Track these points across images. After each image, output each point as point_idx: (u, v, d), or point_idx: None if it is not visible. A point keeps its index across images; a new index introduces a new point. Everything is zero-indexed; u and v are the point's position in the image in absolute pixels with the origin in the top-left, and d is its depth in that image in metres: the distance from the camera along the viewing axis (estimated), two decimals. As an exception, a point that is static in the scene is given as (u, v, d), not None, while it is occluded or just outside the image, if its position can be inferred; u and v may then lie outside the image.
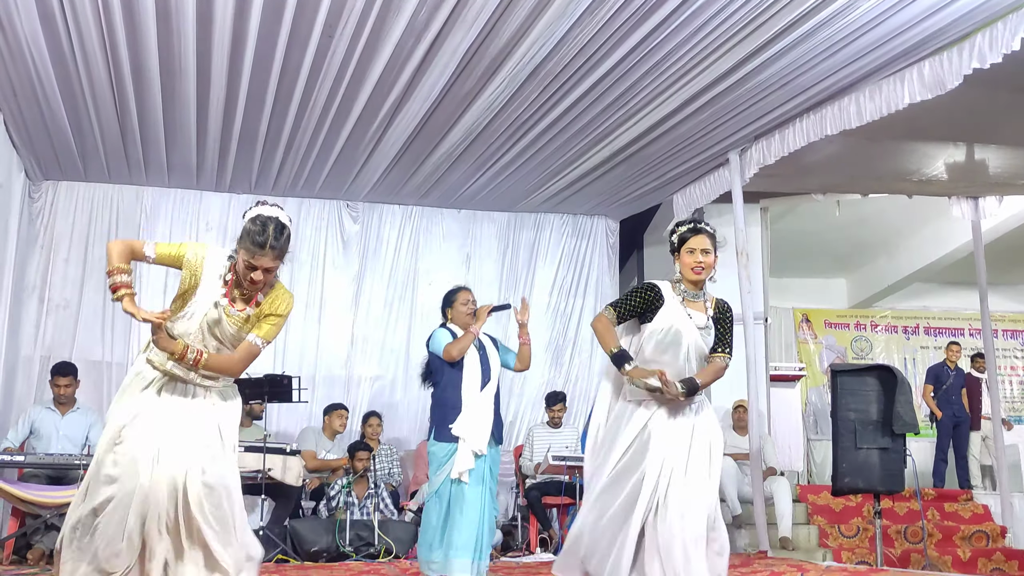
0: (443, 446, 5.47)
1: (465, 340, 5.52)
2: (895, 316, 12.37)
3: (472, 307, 5.61)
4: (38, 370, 8.10)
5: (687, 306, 4.07)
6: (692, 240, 4.05)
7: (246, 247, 3.44)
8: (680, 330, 4.00)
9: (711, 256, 4.06)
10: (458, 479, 5.37)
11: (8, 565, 6.09)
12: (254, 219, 3.47)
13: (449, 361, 5.53)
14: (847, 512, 8.17)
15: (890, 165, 8.11)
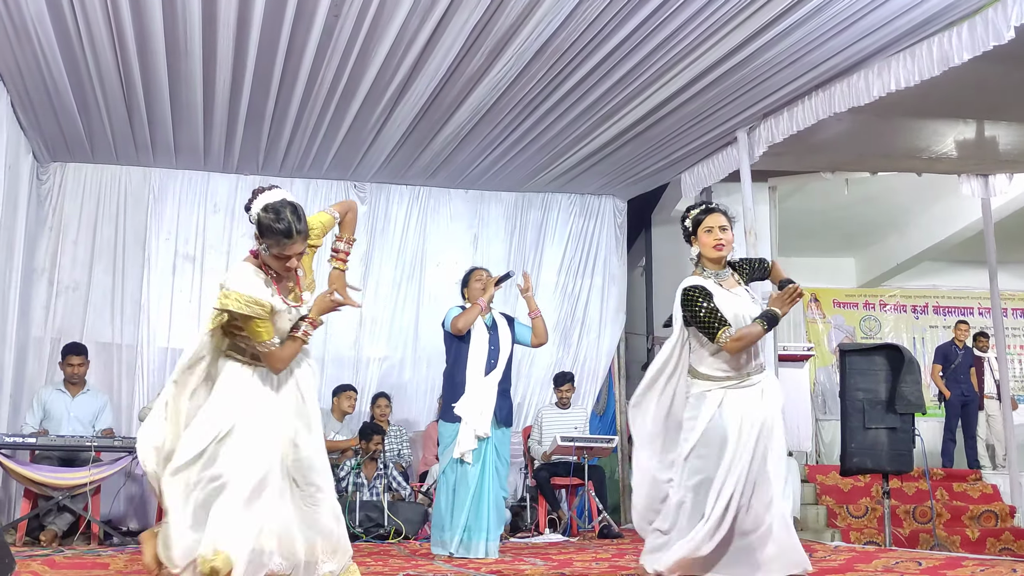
0: (449, 426, 5.53)
1: (470, 313, 5.57)
2: (904, 295, 12.33)
3: (484, 283, 5.67)
4: (48, 352, 8.13)
5: (727, 287, 4.06)
6: (708, 219, 4.04)
7: (273, 241, 3.37)
8: (739, 314, 3.99)
9: (729, 232, 4.05)
10: (461, 459, 5.41)
11: (21, 546, 6.13)
12: (265, 210, 3.37)
13: (456, 335, 5.57)
14: (855, 492, 8.16)
15: (899, 143, 8.07)
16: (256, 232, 3.44)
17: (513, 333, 5.75)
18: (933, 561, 4.52)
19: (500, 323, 5.76)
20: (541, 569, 4.67)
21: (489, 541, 5.42)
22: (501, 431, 5.60)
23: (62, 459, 6.68)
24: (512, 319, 5.84)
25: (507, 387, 5.67)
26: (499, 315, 5.81)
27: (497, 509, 5.53)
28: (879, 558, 4.81)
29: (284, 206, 3.39)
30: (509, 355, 5.70)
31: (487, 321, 5.69)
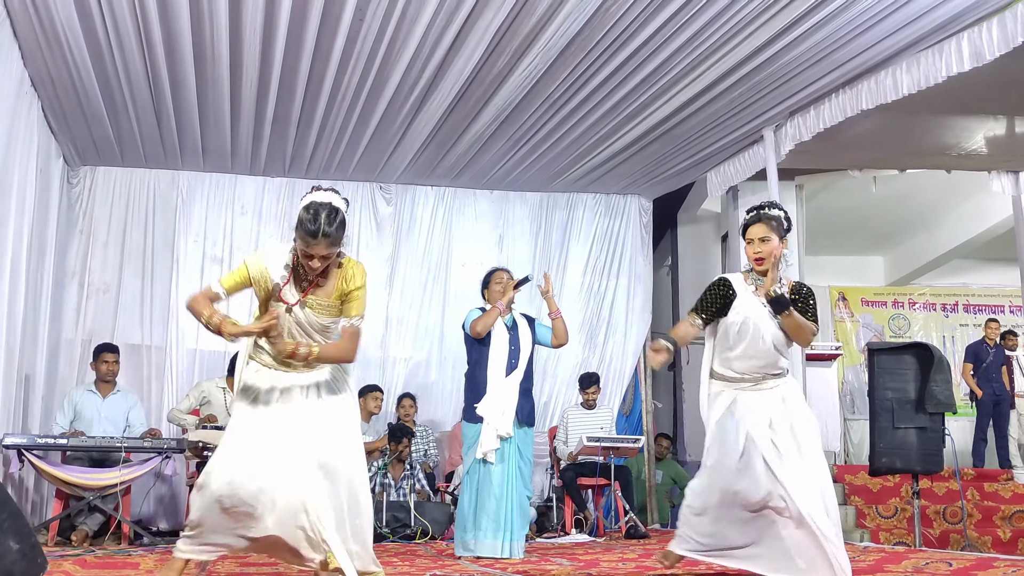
0: (472, 427, 5.55)
1: (489, 315, 5.58)
2: (933, 293, 12.21)
3: (504, 285, 5.67)
4: (79, 353, 8.23)
5: (758, 294, 4.05)
6: (749, 230, 4.05)
7: (301, 236, 3.42)
8: (755, 320, 4.00)
9: (771, 243, 4.00)
10: (484, 460, 5.42)
11: (53, 547, 6.20)
12: (307, 207, 3.43)
13: (475, 337, 5.59)
14: (885, 492, 8.10)
15: (928, 139, 7.99)
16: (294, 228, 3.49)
17: (533, 334, 5.75)
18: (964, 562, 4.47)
19: (520, 324, 5.76)
20: (568, 569, 4.67)
21: (513, 541, 5.43)
22: (524, 431, 5.61)
23: (93, 460, 6.75)
24: (532, 320, 5.84)
25: (529, 387, 5.67)
26: (519, 316, 5.81)
27: (521, 509, 5.54)
28: (909, 559, 4.77)
29: (323, 208, 3.43)
30: (530, 355, 5.70)
31: (507, 322, 5.70)
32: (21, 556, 2.40)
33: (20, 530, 2.42)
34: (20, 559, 2.40)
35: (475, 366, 5.66)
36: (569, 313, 9.18)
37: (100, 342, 7.75)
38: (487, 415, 5.46)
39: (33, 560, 2.45)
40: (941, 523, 7.69)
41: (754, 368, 4.03)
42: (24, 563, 2.42)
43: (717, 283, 4.08)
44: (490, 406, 5.48)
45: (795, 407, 4.02)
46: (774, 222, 4.04)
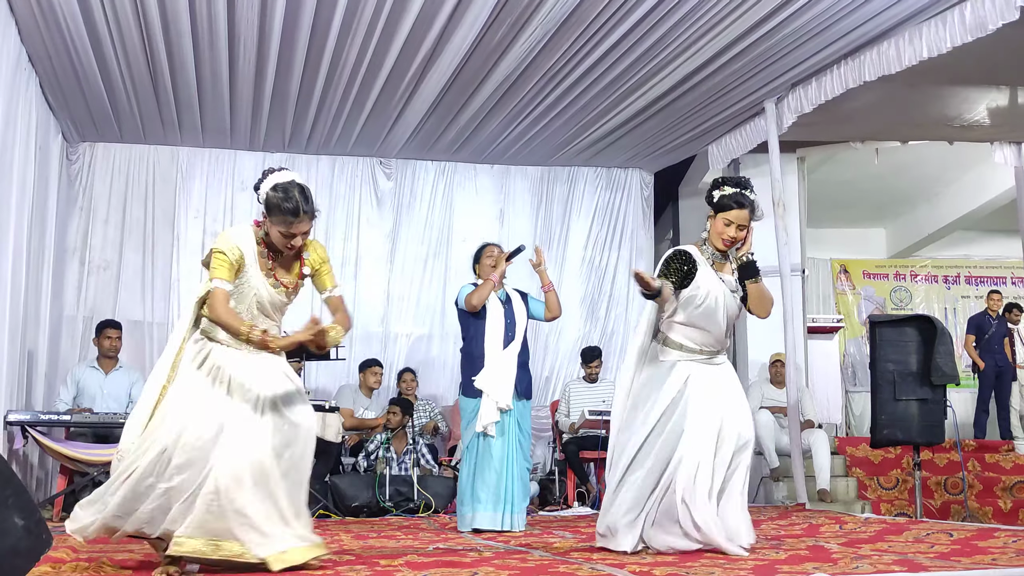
0: (470, 401, 5.57)
1: (483, 289, 5.60)
2: (935, 265, 12.20)
3: (495, 260, 5.68)
4: (81, 330, 8.25)
5: (716, 269, 4.12)
6: (733, 213, 4.04)
7: (279, 219, 3.45)
8: (715, 294, 4.07)
9: (746, 232, 4.07)
10: (483, 433, 5.45)
11: (59, 522, 6.24)
12: (275, 188, 3.47)
13: (471, 311, 5.61)
14: (886, 464, 8.13)
15: (930, 111, 7.96)
16: (264, 211, 3.51)
17: (527, 307, 5.76)
18: (965, 532, 4.50)
19: (514, 297, 5.77)
20: (570, 542, 4.70)
21: (514, 514, 5.46)
22: (522, 404, 5.63)
23: (97, 435, 6.78)
24: (525, 294, 5.84)
25: (525, 360, 5.69)
26: (512, 290, 5.81)
27: (521, 482, 5.56)
28: (910, 529, 4.79)
29: (293, 186, 3.48)
30: (525, 328, 5.71)
31: (500, 296, 5.70)
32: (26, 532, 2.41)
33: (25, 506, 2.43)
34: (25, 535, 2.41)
35: (471, 341, 5.67)
36: (570, 287, 9.24)
37: (102, 318, 7.77)
38: (486, 388, 5.48)
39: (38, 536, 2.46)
40: (942, 494, 7.72)
41: (710, 342, 4.10)
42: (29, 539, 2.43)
43: (679, 255, 4.07)
44: (489, 379, 5.50)
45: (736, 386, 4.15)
46: (757, 212, 4.08)
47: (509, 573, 3.24)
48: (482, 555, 3.96)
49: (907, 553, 3.81)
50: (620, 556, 3.85)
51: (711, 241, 4.14)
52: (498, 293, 5.69)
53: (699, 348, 4.10)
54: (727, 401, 4.05)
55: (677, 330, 4.12)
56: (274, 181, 3.50)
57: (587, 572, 3.24)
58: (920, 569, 3.18)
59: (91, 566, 3.42)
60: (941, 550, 3.89)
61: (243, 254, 3.50)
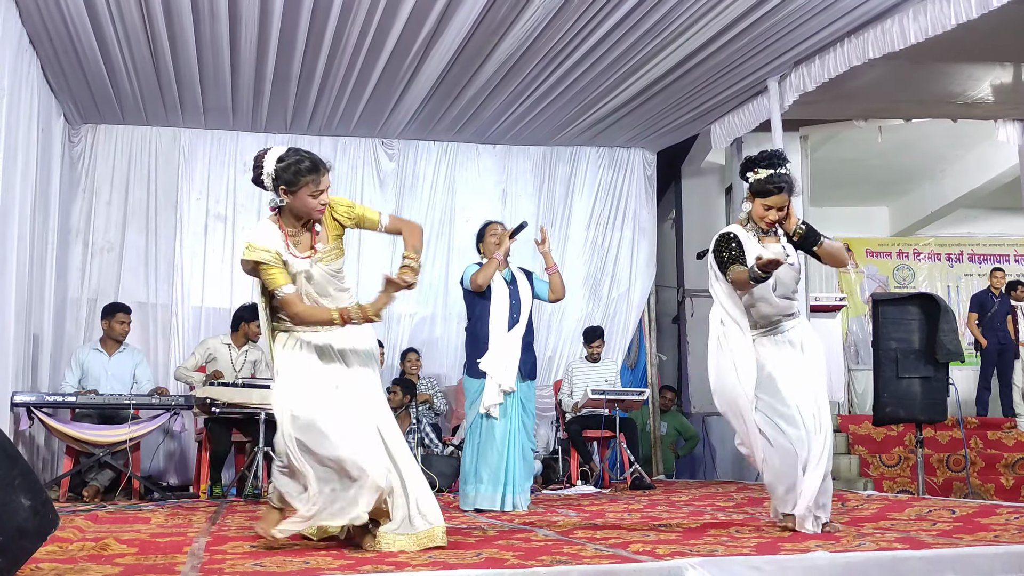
0: (474, 381, 5.58)
1: (489, 267, 5.58)
2: (938, 243, 12.18)
3: (499, 237, 5.67)
4: (85, 312, 8.27)
5: (762, 243, 4.09)
6: (773, 199, 4.03)
7: (306, 182, 3.42)
8: None
9: (785, 213, 4.08)
10: (487, 414, 5.46)
11: (64, 502, 6.28)
12: (280, 160, 3.44)
13: (476, 291, 5.60)
14: (888, 441, 8.15)
15: (934, 88, 7.93)
16: (282, 188, 3.45)
17: (532, 287, 5.76)
18: (967, 509, 4.51)
19: (519, 277, 5.76)
20: (574, 520, 4.73)
21: (516, 494, 5.48)
22: (526, 384, 5.64)
23: (102, 417, 6.81)
24: (530, 273, 5.83)
25: (530, 341, 5.69)
26: (517, 269, 5.80)
27: (525, 461, 5.58)
28: (912, 506, 4.81)
29: (293, 151, 3.49)
30: (530, 309, 5.70)
31: (506, 276, 5.69)
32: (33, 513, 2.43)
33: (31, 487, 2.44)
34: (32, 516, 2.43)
35: (476, 321, 5.67)
36: (573, 267, 9.24)
37: (105, 300, 7.80)
38: (490, 370, 5.49)
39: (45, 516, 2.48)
40: (944, 471, 7.75)
41: (770, 315, 4.08)
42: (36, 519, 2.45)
43: (729, 237, 4.07)
44: (493, 361, 5.50)
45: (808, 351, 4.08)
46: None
47: (513, 552, 3.25)
48: (486, 534, 3.98)
49: (909, 530, 3.83)
50: (623, 534, 3.87)
51: (754, 220, 4.12)
52: (503, 273, 5.68)
53: (755, 323, 4.09)
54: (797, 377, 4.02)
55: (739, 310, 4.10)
56: (274, 156, 3.46)
57: (591, 551, 3.26)
58: (922, 546, 3.19)
59: (96, 545, 3.44)
60: (943, 527, 3.91)
61: (279, 252, 3.47)
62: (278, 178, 3.44)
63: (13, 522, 2.39)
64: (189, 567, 3.01)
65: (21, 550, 2.46)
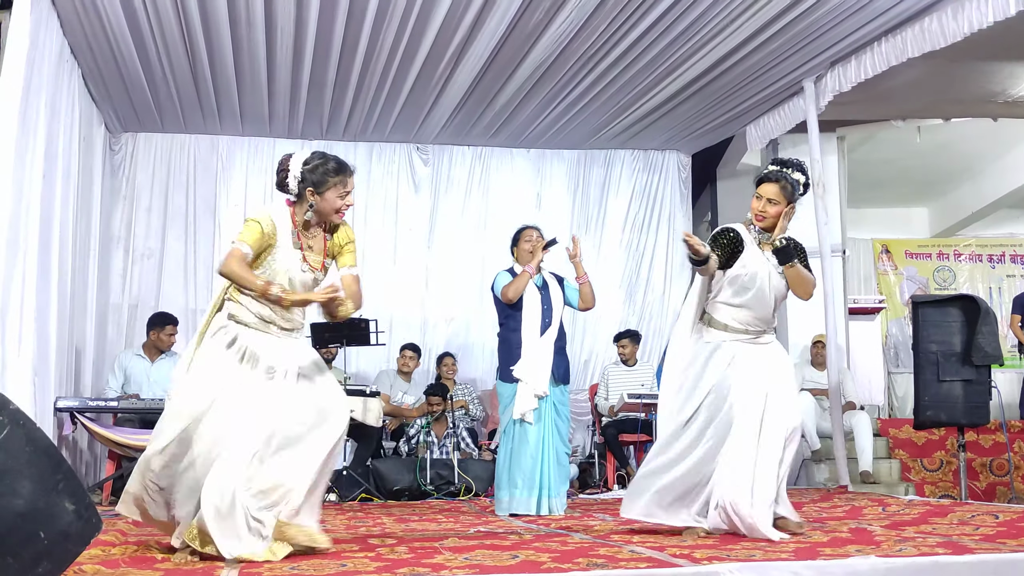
0: (507, 387, 5.59)
1: (520, 281, 5.58)
2: (979, 244, 12.00)
3: (533, 245, 5.67)
4: (126, 318, 8.39)
5: (763, 248, 4.11)
6: (760, 188, 4.09)
7: (333, 182, 3.49)
8: (761, 274, 4.06)
9: (777, 207, 4.06)
10: (521, 419, 5.47)
11: (108, 506, 6.36)
12: (306, 163, 3.50)
13: (507, 303, 5.59)
14: (930, 446, 8.05)
15: (974, 87, 7.82)
16: (309, 189, 3.50)
17: (564, 293, 5.75)
18: (1010, 514, 4.44)
19: (551, 282, 5.75)
20: (610, 524, 4.71)
21: (552, 498, 5.48)
22: (560, 389, 5.64)
23: (143, 421, 6.89)
24: (562, 279, 5.82)
25: (563, 345, 5.68)
26: (549, 275, 5.80)
27: (560, 466, 5.58)
28: (954, 512, 4.75)
29: (319, 154, 3.56)
30: (561, 314, 5.70)
31: (537, 282, 5.69)
32: (76, 516, 2.47)
33: (75, 491, 2.48)
34: (76, 519, 2.46)
35: (508, 327, 5.68)
36: (608, 270, 9.24)
37: (146, 306, 7.99)
38: (524, 376, 5.49)
39: (88, 520, 2.52)
40: (987, 476, 7.64)
41: (755, 321, 4.08)
42: (79, 523, 2.48)
43: (726, 232, 4.11)
44: (526, 367, 5.51)
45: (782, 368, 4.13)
46: (789, 187, 4.06)
47: (549, 555, 3.25)
48: (522, 538, 3.98)
49: (951, 535, 3.77)
50: (660, 538, 3.86)
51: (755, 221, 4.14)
52: (535, 279, 5.68)
53: (744, 328, 4.08)
54: (774, 387, 4.01)
55: (722, 310, 4.10)
56: (299, 159, 3.53)
57: (627, 554, 3.25)
58: (965, 551, 3.15)
59: (139, 549, 3.49)
60: (987, 532, 3.85)
61: (276, 227, 3.50)
62: (304, 180, 3.51)
63: (57, 526, 2.43)
64: (228, 571, 3.04)
65: (65, 553, 2.50)
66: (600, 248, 9.31)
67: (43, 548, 2.39)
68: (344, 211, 3.58)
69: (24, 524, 2.35)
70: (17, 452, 2.37)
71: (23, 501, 2.35)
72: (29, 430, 2.42)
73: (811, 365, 8.11)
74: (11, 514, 2.33)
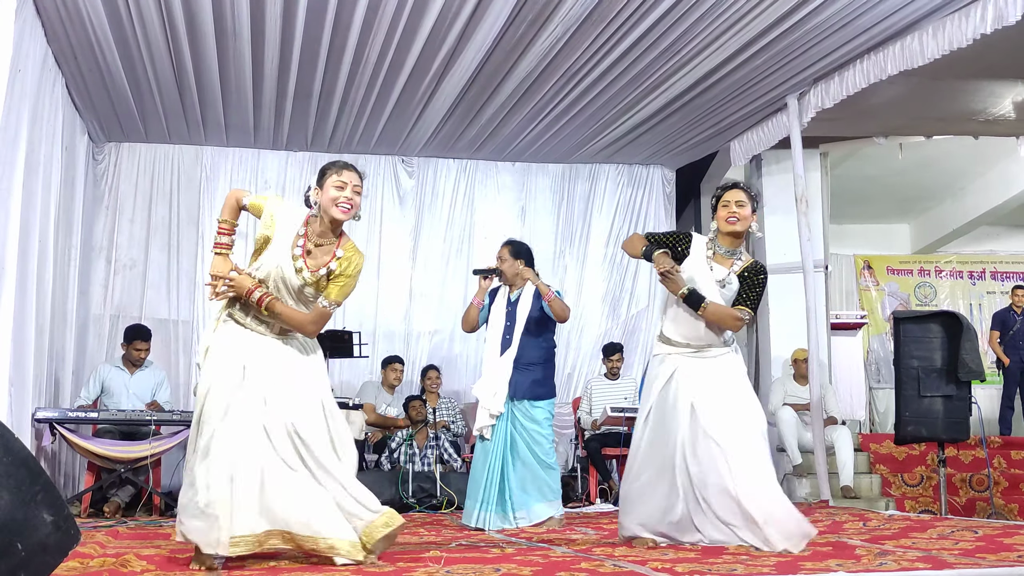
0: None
1: (468, 313, 5.96)
2: (960, 261, 12.10)
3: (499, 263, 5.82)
4: (108, 329, 8.33)
5: (714, 260, 4.18)
6: (726, 195, 4.18)
7: (331, 174, 3.60)
8: (696, 280, 4.12)
9: (746, 208, 4.15)
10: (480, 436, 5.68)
11: (86, 518, 6.31)
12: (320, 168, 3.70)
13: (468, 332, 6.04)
14: (910, 461, 8.09)
15: (955, 105, 7.90)
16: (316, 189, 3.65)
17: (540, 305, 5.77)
18: (990, 529, 4.47)
19: (524, 300, 5.77)
20: (592, 538, 4.71)
21: (516, 511, 5.55)
22: (524, 405, 5.69)
23: (123, 433, 6.85)
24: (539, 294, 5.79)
25: (529, 362, 5.70)
26: (528, 290, 5.80)
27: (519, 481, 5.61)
28: (935, 527, 4.77)
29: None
30: (524, 328, 5.73)
31: (512, 297, 5.82)
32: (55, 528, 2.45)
33: (53, 502, 2.46)
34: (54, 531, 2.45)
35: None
36: (592, 284, 9.27)
37: (128, 317, 7.92)
38: (479, 395, 5.71)
39: (67, 532, 2.50)
40: (967, 491, 7.68)
41: (695, 336, 4.13)
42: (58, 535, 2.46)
43: (680, 232, 4.27)
44: (483, 386, 5.72)
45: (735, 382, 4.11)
46: (751, 192, 4.18)
47: (531, 569, 3.25)
48: (504, 551, 3.97)
49: (931, 550, 3.79)
50: (642, 552, 3.86)
51: (719, 234, 4.21)
52: (511, 295, 5.80)
53: (686, 342, 4.15)
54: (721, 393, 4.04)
55: (667, 324, 4.23)
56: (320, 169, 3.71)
57: (609, 568, 3.25)
58: (945, 566, 3.17)
59: (117, 561, 3.46)
60: (966, 547, 3.87)
61: (277, 223, 3.59)
62: (317, 181, 3.67)
63: (35, 537, 2.41)
64: (208, 582, 3.02)
65: (43, 565, 2.48)
66: (584, 262, 9.34)
67: (20, 560, 2.37)
68: (343, 205, 3.57)
69: (1, 535, 2.32)
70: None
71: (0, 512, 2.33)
72: (7, 440, 2.40)
73: (792, 379, 8.14)
74: (-12, 525, 2.31)
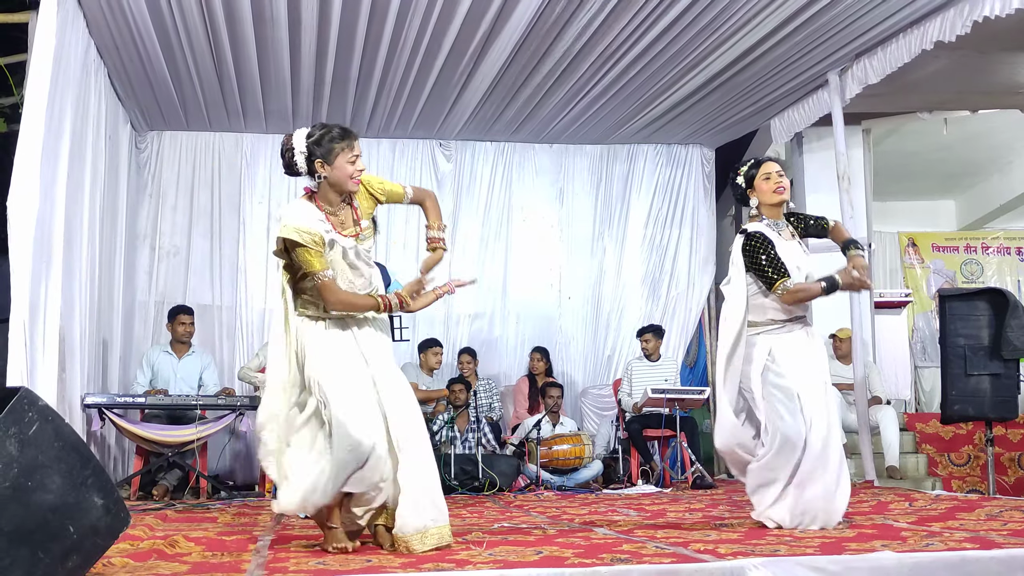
0: None
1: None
2: (1007, 237, 11.85)
3: None
4: (153, 315, 8.46)
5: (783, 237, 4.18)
6: (763, 168, 4.15)
7: (339, 148, 3.46)
8: (795, 264, 4.10)
9: (785, 179, 4.15)
10: None
11: (135, 501, 6.43)
12: (309, 136, 3.50)
13: None
14: (957, 440, 7.98)
15: (1000, 78, 7.74)
16: (318, 161, 3.47)
17: None
18: (1039, 510, 4.40)
19: None
20: (634, 519, 4.71)
21: None
22: None
23: (170, 417, 6.96)
24: None
25: None
26: None
27: None
28: (982, 507, 4.70)
29: (320, 125, 3.56)
30: None
31: None
32: (105, 511, 2.50)
33: (103, 486, 2.51)
34: (104, 514, 2.50)
35: None
36: (631, 265, 9.25)
37: (173, 303, 7.99)
38: None
39: (116, 515, 2.55)
40: (1016, 470, 7.57)
41: (791, 311, 4.10)
42: (108, 518, 2.51)
43: (761, 242, 4.09)
44: None
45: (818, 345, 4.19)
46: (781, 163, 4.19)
47: (573, 551, 3.25)
48: (547, 533, 3.98)
49: (979, 530, 3.74)
50: (684, 533, 3.85)
51: (765, 211, 4.18)
52: None
53: (777, 321, 4.11)
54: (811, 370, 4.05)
55: (756, 308, 4.13)
56: (301, 135, 3.51)
57: (651, 550, 3.25)
58: (993, 546, 3.12)
59: (166, 543, 3.52)
60: (1015, 527, 3.82)
61: (321, 235, 3.45)
62: (311, 154, 3.48)
63: (86, 520, 2.46)
64: (254, 565, 3.07)
65: (94, 547, 2.53)
66: (623, 243, 9.30)
67: (72, 542, 2.43)
68: (358, 177, 3.52)
69: (54, 519, 2.38)
70: (46, 447, 2.40)
71: (53, 496, 2.38)
72: (58, 426, 2.45)
73: (835, 359, 8.05)
74: (41, 509, 2.36)
